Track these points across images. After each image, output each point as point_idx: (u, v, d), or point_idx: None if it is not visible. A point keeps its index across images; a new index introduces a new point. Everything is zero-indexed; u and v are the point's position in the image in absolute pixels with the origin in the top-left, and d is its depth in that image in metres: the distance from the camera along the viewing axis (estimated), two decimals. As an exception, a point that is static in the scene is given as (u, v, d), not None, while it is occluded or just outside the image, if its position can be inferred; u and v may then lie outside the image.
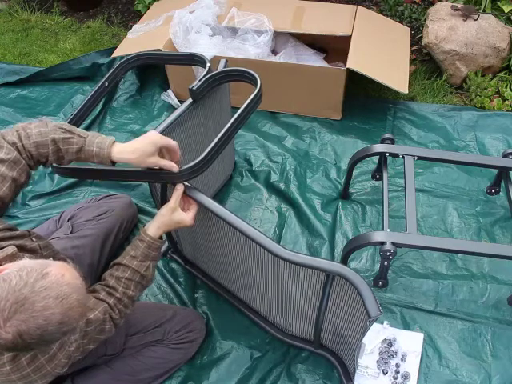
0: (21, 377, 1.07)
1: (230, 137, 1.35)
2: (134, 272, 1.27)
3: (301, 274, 1.26)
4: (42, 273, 0.94)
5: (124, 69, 1.64)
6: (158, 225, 1.30)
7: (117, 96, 2.56)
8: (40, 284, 0.92)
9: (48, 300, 0.91)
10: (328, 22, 2.40)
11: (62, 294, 0.93)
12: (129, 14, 3.15)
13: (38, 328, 0.90)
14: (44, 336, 0.91)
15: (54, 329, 0.92)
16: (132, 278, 1.27)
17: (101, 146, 1.18)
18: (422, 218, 1.97)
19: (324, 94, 2.28)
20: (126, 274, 1.26)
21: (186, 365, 1.60)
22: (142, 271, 1.28)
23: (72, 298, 0.94)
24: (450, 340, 1.64)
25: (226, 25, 2.40)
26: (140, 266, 1.28)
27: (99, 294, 1.23)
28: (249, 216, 2.02)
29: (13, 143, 1.14)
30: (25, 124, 1.18)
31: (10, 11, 3.20)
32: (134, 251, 1.28)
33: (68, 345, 1.12)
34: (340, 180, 2.12)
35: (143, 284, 1.30)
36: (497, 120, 2.33)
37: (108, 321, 1.22)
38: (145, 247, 1.28)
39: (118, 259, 1.30)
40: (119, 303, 1.24)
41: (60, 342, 1.10)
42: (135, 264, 1.27)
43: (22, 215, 2.04)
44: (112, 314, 1.23)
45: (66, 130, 1.18)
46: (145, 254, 1.28)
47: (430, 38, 2.44)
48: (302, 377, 1.57)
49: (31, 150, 1.15)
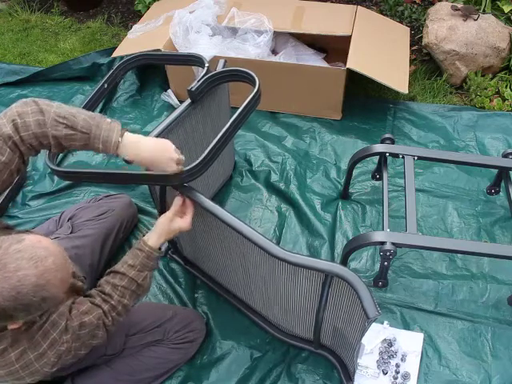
0: (8, 372, 1.07)
1: (229, 137, 1.35)
2: (131, 281, 1.27)
3: (299, 274, 1.26)
4: (17, 239, 0.94)
5: (123, 70, 1.64)
6: (157, 235, 1.30)
7: (117, 96, 2.56)
8: (14, 247, 0.92)
9: (21, 261, 0.91)
10: (328, 22, 2.40)
11: (36, 256, 0.93)
12: (129, 14, 3.15)
13: (12, 289, 0.89)
14: (19, 298, 0.91)
15: (30, 291, 0.91)
16: (128, 287, 1.26)
17: (106, 145, 1.14)
18: (422, 217, 1.96)
19: (324, 94, 2.28)
20: (122, 283, 1.26)
21: (186, 365, 1.60)
22: (139, 281, 1.28)
23: (48, 260, 0.94)
24: (450, 340, 1.64)
25: (226, 25, 2.40)
26: (137, 275, 1.27)
27: (94, 299, 1.23)
28: (249, 216, 2.02)
29: (9, 137, 1.08)
30: (20, 108, 1.10)
31: (10, 11, 3.21)
32: (133, 260, 1.28)
33: (59, 344, 1.11)
34: (340, 180, 2.12)
35: (138, 294, 1.30)
36: (497, 120, 2.33)
37: (101, 327, 1.21)
38: (143, 257, 1.28)
39: (115, 267, 1.29)
40: (113, 311, 1.24)
41: (51, 341, 1.10)
42: (133, 273, 1.27)
43: (22, 215, 2.04)
44: (105, 320, 1.22)
45: (67, 126, 1.11)
46: (143, 263, 1.28)
47: (430, 38, 2.44)
48: (301, 377, 1.57)
49: (31, 142, 1.10)
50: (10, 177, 1.12)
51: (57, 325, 1.12)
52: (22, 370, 1.08)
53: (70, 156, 2.27)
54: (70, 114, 1.12)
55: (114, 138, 1.15)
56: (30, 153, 1.14)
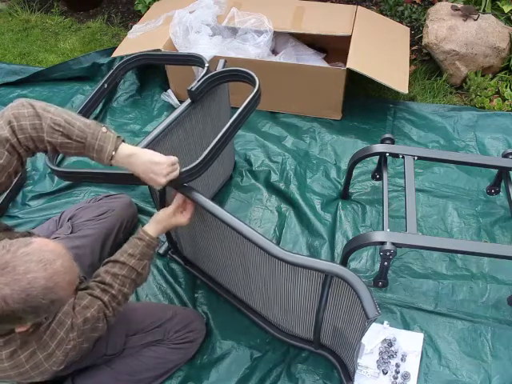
0: (18, 373, 1.08)
1: (228, 138, 1.35)
2: (132, 270, 1.28)
3: (299, 274, 1.26)
4: (25, 242, 0.95)
5: (123, 70, 1.64)
6: (156, 226, 1.33)
7: (117, 96, 2.56)
8: (22, 250, 0.93)
9: (30, 264, 0.92)
10: (328, 22, 2.40)
11: (44, 259, 0.93)
12: (129, 14, 3.15)
13: (22, 291, 0.90)
14: (28, 301, 0.91)
15: (39, 294, 0.92)
16: (129, 276, 1.27)
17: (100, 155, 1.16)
18: (422, 217, 1.96)
19: (324, 94, 2.28)
20: (123, 272, 1.27)
21: (186, 365, 1.60)
22: (139, 269, 1.29)
23: (56, 263, 0.95)
24: (450, 340, 1.64)
25: (226, 25, 2.40)
26: (138, 264, 1.29)
27: (94, 291, 1.23)
28: (249, 216, 2.02)
29: (6, 140, 1.09)
30: (16, 110, 1.11)
31: (10, 11, 3.21)
32: (132, 249, 1.30)
33: (66, 342, 1.12)
34: (340, 180, 2.12)
35: (137, 282, 1.32)
36: (497, 120, 2.33)
37: (102, 319, 1.22)
38: (143, 246, 1.30)
39: (113, 256, 1.30)
40: (113, 301, 1.25)
41: (58, 340, 1.11)
42: (133, 262, 1.28)
43: (22, 215, 2.04)
44: (106, 311, 1.23)
45: (63, 134, 1.13)
46: (143, 252, 1.30)
47: (430, 38, 2.44)
48: (301, 377, 1.57)
49: (28, 144, 1.13)
50: (7, 179, 1.14)
51: (63, 324, 1.13)
52: (32, 371, 1.09)
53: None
54: (66, 121, 1.13)
55: (109, 150, 1.16)
56: (27, 155, 1.16)
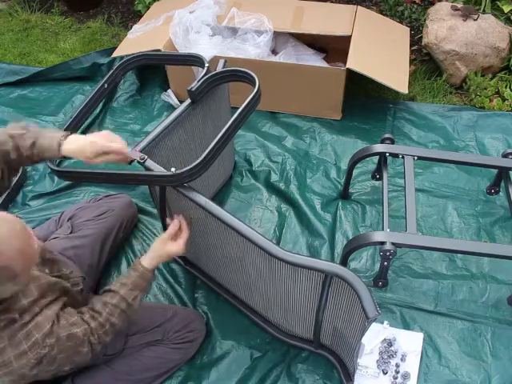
0: None
1: (228, 138, 1.35)
2: (122, 299, 1.28)
3: (299, 274, 1.26)
4: None
5: (123, 70, 1.64)
6: (151, 257, 1.35)
7: (117, 96, 2.56)
8: None
9: None
10: (328, 22, 2.40)
11: None
12: (129, 14, 3.15)
13: None
14: None
15: None
16: (118, 305, 1.27)
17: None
18: (422, 217, 1.97)
19: (324, 94, 2.28)
20: (113, 301, 1.27)
21: (186, 365, 1.60)
22: (129, 299, 1.29)
23: (1, 228, 0.97)
24: (450, 340, 1.64)
25: (226, 25, 2.40)
26: (128, 294, 1.29)
27: (83, 315, 1.23)
28: (249, 216, 2.02)
29: None
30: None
31: (10, 11, 3.21)
32: (126, 279, 1.31)
33: (41, 347, 1.10)
34: (340, 180, 2.12)
35: (127, 314, 1.30)
36: (497, 120, 2.33)
37: (86, 344, 1.20)
38: (137, 276, 1.31)
39: (108, 286, 1.32)
40: (100, 328, 1.23)
41: (33, 342, 1.09)
42: (123, 292, 1.28)
43: (22, 215, 2.03)
44: (91, 338, 1.21)
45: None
46: (136, 283, 1.30)
47: (430, 38, 2.44)
48: (301, 377, 1.57)
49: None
50: None
51: (41, 327, 1.10)
52: None
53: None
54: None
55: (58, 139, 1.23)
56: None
